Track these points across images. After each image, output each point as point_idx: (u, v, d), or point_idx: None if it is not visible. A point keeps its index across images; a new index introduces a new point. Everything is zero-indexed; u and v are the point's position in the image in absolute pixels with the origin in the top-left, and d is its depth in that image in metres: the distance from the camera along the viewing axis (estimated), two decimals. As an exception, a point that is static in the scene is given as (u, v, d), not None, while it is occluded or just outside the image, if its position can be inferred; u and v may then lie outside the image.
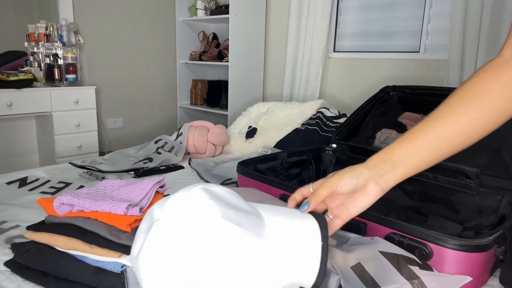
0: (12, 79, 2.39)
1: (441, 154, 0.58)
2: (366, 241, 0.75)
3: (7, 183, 1.42)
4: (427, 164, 0.59)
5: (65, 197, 0.82)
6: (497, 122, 0.56)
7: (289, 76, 3.07)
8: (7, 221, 1.08)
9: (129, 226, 0.78)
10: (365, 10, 2.78)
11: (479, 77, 0.57)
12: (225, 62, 3.11)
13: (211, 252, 0.49)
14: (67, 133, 2.65)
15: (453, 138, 0.57)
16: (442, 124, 0.57)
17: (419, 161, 0.58)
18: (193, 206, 0.52)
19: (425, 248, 0.72)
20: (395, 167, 0.58)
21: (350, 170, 0.59)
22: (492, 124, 0.56)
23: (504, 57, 0.57)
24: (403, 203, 1.18)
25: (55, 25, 2.76)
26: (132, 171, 1.61)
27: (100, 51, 3.13)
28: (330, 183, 0.59)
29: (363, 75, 2.74)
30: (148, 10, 3.37)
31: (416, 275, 0.63)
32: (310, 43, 2.89)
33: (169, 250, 0.49)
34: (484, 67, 0.58)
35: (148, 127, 3.55)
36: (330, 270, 0.63)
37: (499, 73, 0.55)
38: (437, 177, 1.10)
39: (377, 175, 0.58)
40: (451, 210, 1.06)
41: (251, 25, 3.12)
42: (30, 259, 0.81)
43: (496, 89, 0.55)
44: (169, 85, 3.63)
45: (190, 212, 0.51)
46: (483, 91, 0.55)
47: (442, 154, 0.58)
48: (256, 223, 0.53)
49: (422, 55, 2.50)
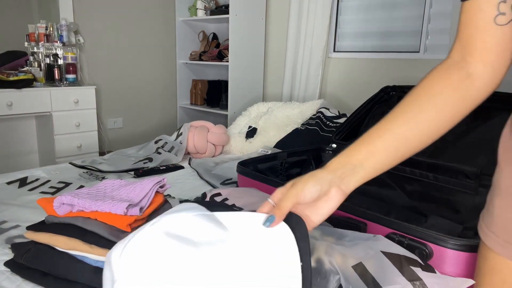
0: (12, 79, 2.39)
1: (398, 156, 0.58)
2: (367, 237, 0.75)
3: (7, 183, 1.42)
4: (386, 167, 0.58)
5: (65, 197, 0.82)
6: (451, 122, 0.57)
7: (289, 76, 3.07)
8: (7, 221, 1.08)
9: (129, 226, 0.78)
10: (365, 10, 2.78)
11: (431, 78, 0.58)
12: (225, 62, 3.11)
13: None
14: (67, 133, 2.65)
15: (410, 139, 0.57)
16: (398, 125, 0.57)
17: (377, 164, 0.58)
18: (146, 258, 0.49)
19: (425, 248, 0.72)
20: (355, 171, 0.57)
21: (312, 177, 0.57)
22: (446, 124, 0.57)
23: (453, 58, 0.57)
24: (403, 203, 1.18)
25: (55, 25, 2.76)
26: (132, 171, 1.61)
27: (100, 51, 3.13)
28: (293, 193, 0.56)
29: (363, 75, 2.74)
30: (148, 10, 3.36)
31: (418, 276, 0.63)
32: (310, 43, 2.89)
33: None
34: (435, 69, 0.58)
35: (148, 127, 3.55)
36: (330, 270, 0.63)
37: (449, 73, 0.57)
38: (437, 177, 1.10)
39: (338, 179, 0.57)
40: (451, 210, 1.06)
41: (251, 25, 3.11)
42: (30, 259, 0.81)
43: (447, 89, 0.56)
44: (169, 85, 3.63)
45: (144, 265, 0.48)
46: (436, 91, 0.57)
47: (399, 156, 0.58)
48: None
49: (422, 55, 2.50)
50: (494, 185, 0.60)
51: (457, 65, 0.56)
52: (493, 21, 0.52)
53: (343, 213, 0.87)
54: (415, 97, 0.58)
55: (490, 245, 0.58)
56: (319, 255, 0.67)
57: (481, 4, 0.52)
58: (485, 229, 0.59)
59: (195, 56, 3.51)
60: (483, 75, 0.55)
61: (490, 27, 0.52)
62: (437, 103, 0.56)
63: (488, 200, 0.61)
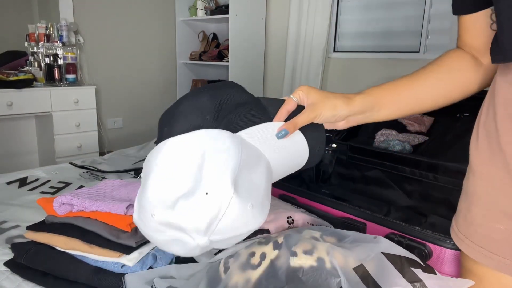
0: (12, 79, 2.39)
1: (408, 112, 0.66)
2: (368, 239, 0.74)
3: (7, 183, 1.42)
4: (394, 117, 0.66)
5: (65, 197, 0.82)
6: (460, 95, 0.64)
7: (289, 76, 3.07)
8: (7, 221, 1.08)
9: (129, 226, 0.78)
10: (365, 10, 2.78)
11: (449, 55, 0.65)
12: (225, 62, 3.11)
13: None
14: (67, 133, 2.65)
15: (424, 101, 0.65)
16: (419, 86, 0.64)
17: (391, 114, 0.65)
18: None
19: (424, 248, 0.72)
20: (371, 113, 0.65)
21: (332, 105, 0.63)
22: (456, 96, 0.65)
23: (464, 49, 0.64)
24: (403, 203, 1.18)
25: (55, 25, 2.76)
26: (132, 171, 1.61)
27: (100, 51, 3.13)
28: (311, 116, 0.62)
29: (363, 75, 2.74)
30: (148, 10, 3.36)
31: (418, 277, 0.63)
32: (310, 43, 2.89)
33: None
34: (453, 50, 0.65)
35: (148, 127, 3.55)
36: (331, 271, 0.63)
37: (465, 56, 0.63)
38: (437, 177, 1.10)
39: (352, 115, 0.64)
40: (451, 210, 1.06)
41: (251, 25, 3.12)
42: (30, 259, 0.81)
43: (464, 67, 0.63)
44: (169, 85, 3.63)
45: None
46: (453, 67, 0.64)
47: (409, 112, 0.66)
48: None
49: (422, 55, 2.50)
50: (469, 192, 0.58)
51: (469, 53, 0.63)
52: (489, 27, 0.58)
53: (343, 214, 0.87)
54: (436, 68, 0.65)
55: (475, 257, 0.57)
56: (320, 255, 0.67)
57: (476, 16, 0.59)
58: (466, 240, 0.58)
59: (195, 56, 3.51)
60: (488, 66, 0.61)
61: (488, 32, 0.58)
62: (454, 77, 0.63)
63: (464, 208, 0.59)
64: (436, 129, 1.32)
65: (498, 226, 0.53)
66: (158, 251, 0.78)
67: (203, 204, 0.53)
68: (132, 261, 0.74)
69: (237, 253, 0.67)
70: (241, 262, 0.64)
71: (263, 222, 0.59)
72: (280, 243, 0.65)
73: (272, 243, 0.66)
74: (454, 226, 0.63)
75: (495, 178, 0.53)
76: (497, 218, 0.53)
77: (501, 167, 0.52)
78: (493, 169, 0.54)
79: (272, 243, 0.66)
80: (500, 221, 0.53)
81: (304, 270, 0.61)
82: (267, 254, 0.64)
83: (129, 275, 0.69)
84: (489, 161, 0.54)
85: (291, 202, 0.93)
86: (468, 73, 0.63)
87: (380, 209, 1.16)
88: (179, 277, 0.69)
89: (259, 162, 0.62)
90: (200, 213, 0.53)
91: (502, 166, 0.52)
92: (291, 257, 0.62)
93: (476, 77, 0.63)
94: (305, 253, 0.63)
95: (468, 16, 0.60)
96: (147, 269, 0.75)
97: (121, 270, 0.75)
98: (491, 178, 0.54)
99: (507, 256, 0.53)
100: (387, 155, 1.16)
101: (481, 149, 0.56)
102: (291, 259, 0.62)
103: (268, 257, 0.64)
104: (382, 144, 1.33)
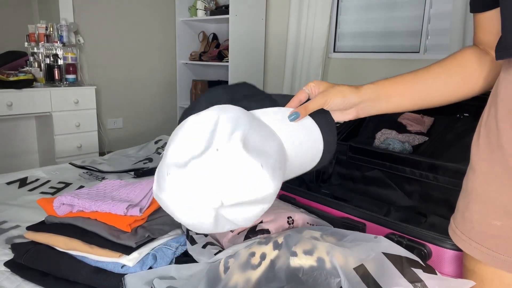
0: (12, 79, 2.39)
1: (417, 105, 0.67)
2: (368, 238, 0.74)
3: (7, 183, 1.42)
4: (402, 109, 0.68)
5: (65, 197, 0.82)
6: (471, 92, 0.65)
7: (289, 76, 3.07)
8: (7, 221, 1.09)
9: (129, 226, 0.78)
10: (365, 10, 2.78)
11: (462, 53, 0.66)
12: (225, 62, 3.11)
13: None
14: (67, 133, 2.65)
15: (434, 95, 0.66)
16: (430, 80, 0.65)
17: (399, 105, 0.66)
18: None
19: (424, 249, 0.72)
20: (379, 102, 0.66)
21: (341, 91, 0.65)
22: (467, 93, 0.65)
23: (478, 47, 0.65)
24: (403, 203, 1.18)
25: (55, 25, 2.76)
26: (132, 171, 1.61)
27: (100, 51, 3.13)
28: (321, 102, 0.64)
29: (363, 75, 2.74)
30: (148, 10, 3.36)
31: (419, 278, 0.63)
32: (310, 43, 2.89)
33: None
34: (468, 48, 0.67)
35: (148, 127, 3.55)
36: (331, 271, 0.63)
37: (478, 54, 0.64)
38: (437, 177, 1.10)
39: (361, 103, 0.66)
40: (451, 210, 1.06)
41: (251, 25, 3.12)
42: (30, 259, 0.81)
43: (475, 65, 0.64)
44: (169, 85, 3.63)
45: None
46: (465, 64, 0.65)
47: (418, 105, 0.67)
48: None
49: (422, 55, 2.50)
50: (469, 190, 0.58)
51: (483, 50, 0.64)
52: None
53: (343, 214, 0.87)
54: (449, 64, 0.66)
55: (471, 253, 0.57)
56: (320, 255, 0.67)
57: (490, 14, 0.59)
58: (463, 236, 0.58)
59: (195, 56, 3.51)
60: (499, 64, 0.61)
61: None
62: (465, 74, 0.64)
63: (462, 205, 0.60)
64: (436, 130, 1.32)
65: (495, 223, 0.54)
66: (158, 252, 0.78)
67: (213, 160, 0.54)
68: (132, 262, 0.75)
69: (237, 253, 0.67)
70: (241, 262, 0.64)
71: (276, 190, 0.59)
72: (280, 243, 0.65)
73: (272, 243, 0.66)
74: (452, 224, 0.63)
75: (493, 175, 0.54)
76: (495, 215, 0.54)
77: (500, 164, 0.53)
78: (492, 166, 0.54)
79: (272, 243, 0.66)
80: (497, 217, 0.53)
81: (304, 270, 0.61)
82: (267, 254, 0.64)
83: (129, 275, 0.69)
84: (488, 158, 0.55)
85: (291, 202, 0.93)
86: (479, 70, 0.63)
87: (380, 209, 1.16)
88: (179, 277, 0.69)
89: (271, 137, 0.64)
90: (211, 168, 0.54)
91: (501, 163, 0.52)
92: (291, 257, 0.62)
93: (487, 75, 0.63)
94: (305, 253, 0.63)
95: (483, 14, 0.60)
96: (147, 269, 0.75)
97: (121, 271, 0.75)
98: (489, 175, 0.54)
99: (502, 252, 0.53)
100: (387, 156, 1.16)
101: (482, 147, 0.56)
102: (291, 259, 0.62)
103: (268, 257, 0.64)
104: (382, 145, 1.33)
